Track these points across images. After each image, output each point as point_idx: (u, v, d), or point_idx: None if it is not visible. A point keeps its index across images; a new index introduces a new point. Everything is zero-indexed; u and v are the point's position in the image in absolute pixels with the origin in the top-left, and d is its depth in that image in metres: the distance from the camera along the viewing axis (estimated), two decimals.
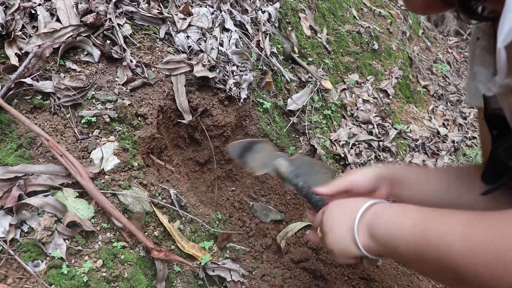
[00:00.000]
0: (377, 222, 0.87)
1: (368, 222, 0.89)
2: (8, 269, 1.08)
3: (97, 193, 1.22)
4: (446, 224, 0.73)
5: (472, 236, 0.68)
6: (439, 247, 0.72)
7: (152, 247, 1.21)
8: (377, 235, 0.87)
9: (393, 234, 0.83)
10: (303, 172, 1.33)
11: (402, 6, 4.24)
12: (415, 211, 0.82)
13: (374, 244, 0.88)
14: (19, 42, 1.41)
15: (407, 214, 0.82)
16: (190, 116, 1.65)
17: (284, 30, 2.40)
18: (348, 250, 0.92)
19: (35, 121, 1.34)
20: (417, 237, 0.76)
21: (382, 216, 0.87)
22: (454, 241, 0.69)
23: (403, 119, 2.96)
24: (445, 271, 0.72)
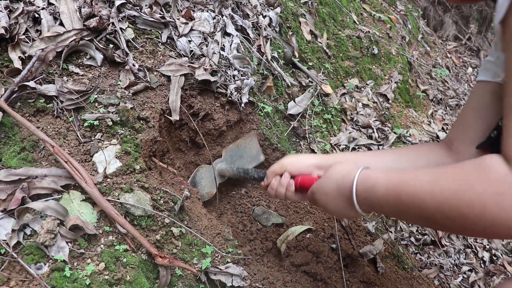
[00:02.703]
0: (361, 196, 1.04)
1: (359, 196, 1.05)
2: (11, 271, 1.08)
3: (102, 200, 1.22)
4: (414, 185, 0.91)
5: (437, 190, 0.86)
6: (414, 205, 0.91)
7: (156, 254, 1.22)
8: (366, 204, 1.04)
9: (374, 204, 1.02)
10: (236, 159, 1.52)
11: (402, 11, 4.26)
12: (383, 181, 0.99)
13: (367, 208, 1.06)
14: (22, 45, 1.42)
15: (379, 188, 0.99)
16: (177, 116, 1.63)
17: (285, 35, 2.41)
18: (348, 213, 1.11)
19: (38, 124, 1.35)
20: (395, 201, 0.95)
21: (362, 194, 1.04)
22: (425, 198, 0.88)
23: (402, 123, 2.97)
24: (422, 219, 0.93)
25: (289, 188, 1.29)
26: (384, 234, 2.01)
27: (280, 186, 1.30)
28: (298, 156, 1.35)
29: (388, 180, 0.98)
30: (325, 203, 1.15)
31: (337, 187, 1.10)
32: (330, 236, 1.77)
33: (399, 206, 0.95)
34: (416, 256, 2.14)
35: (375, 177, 1.02)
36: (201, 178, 1.67)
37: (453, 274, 2.17)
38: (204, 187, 1.67)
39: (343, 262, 1.70)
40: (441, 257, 2.21)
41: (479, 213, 0.79)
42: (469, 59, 5.14)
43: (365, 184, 1.03)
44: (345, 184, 1.07)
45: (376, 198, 1.00)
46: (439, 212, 0.86)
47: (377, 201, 1.00)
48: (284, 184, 1.29)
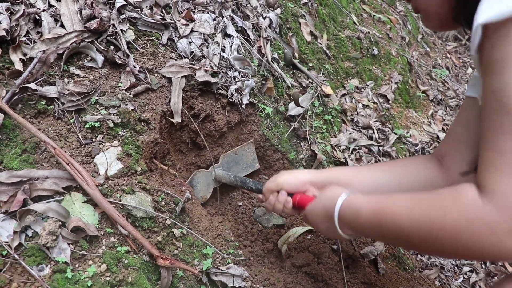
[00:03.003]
0: (345, 221, 1.11)
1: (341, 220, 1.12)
2: (13, 273, 1.08)
3: (103, 201, 1.23)
4: (393, 212, 0.97)
5: (414, 216, 0.92)
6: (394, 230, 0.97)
7: (157, 255, 1.22)
8: (350, 229, 1.12)
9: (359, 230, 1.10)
10: (232, 165, 1.58)
11: (401, 11, 4.27)
12: (366, 210, 1.05)
13: (351, 232, 1.13)
14: (23, 47, 1.43)
15: (361, 214, 1.05)
16: (179, 118, 1.65)
17: (285, 36, 2.41)
18: (336, 235, 1.17)
19: (39, 126, 1.35)
20: (376, 226, 1.02)
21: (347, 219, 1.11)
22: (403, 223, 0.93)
23: (402, 124, 2.97)
24: (402, 241, 1.00)
25: (286, 205, 1.34)
26: None
27: (278, 203, 1.35)
28: (292, 173, 1.40)
29: (369, 207, 1.04)
30: (316, 224, 1.23)
31: (325, 211, 1.18)
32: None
33: (380, 230, 1.02)
34: (416, 257, 2.14)
35: (358, 204, 1.08)
36: (198, 182, 1.71)
37: (454, 275, 2.17)
38: (200, 191, 1.71)
39: (344, 263, 1.70)
40: (441, 258, 2.21)
41: (453, 238, 0.85)
42: (469, 59, 5.15)
43: (348, 210, 1.10)
44: (331, 209, 1.14)
45: (359, 224, 1.07)
46: (416, 236, 0.92)
47: (360, 226, 1.07)
48: (282, 201, 1.34)
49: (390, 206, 0.99)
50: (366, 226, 1.05)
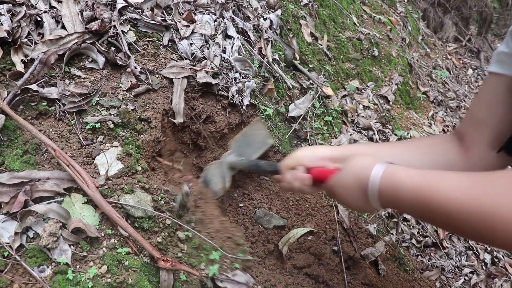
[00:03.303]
0: (382, 192, 1.00)
1: (380, 192, 1.00)
2: (14, 274, 1.08)
3: (104, 203, 1.23)
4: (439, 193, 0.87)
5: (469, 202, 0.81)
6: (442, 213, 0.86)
7: (158, 257, 1.22)
8: (385, 200, 1.00)
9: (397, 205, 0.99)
10: (244, 148, 1.48)
11: (402, 13, 4.27)
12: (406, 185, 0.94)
13: (387, 205, 1.03)
14: (25, 49, 1.43)
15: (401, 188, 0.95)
16: (181, 118, 1.65)
17: (286, 37, 2.42)
18: (365, 209, 1.09)
19: (40, 127, 1.35)
20: (421, 205, 0.91)
21: (385, 193, 1.00)
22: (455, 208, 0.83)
23: (403, 125, 2.97)
24: (449, 226, 0.89)
25: (304, 182, 1.24)
26: (386, 236, 2.01)
27: (295, 180, 1.26)
28: (311, 148, 1.32)
29: (411, 181, 0.94)
30: (343, 196, 1.12)
31: (356, 180, 1.07)
32: (332, 239, 1.78)
33: (423, 210, 0.92)
34: (417, 258, 2.14)
35: (397, 176, 0.98)
36: (212, 175, 1.61)
37: (455, 276, 2.17)
38: (217, 183, 1.61)
39: (344, 264, 1.70)
40: (442, 259, 2.21)
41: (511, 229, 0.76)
42: (469, 60, 5.15)
43: (385, 181, 0.99)
44: (365, 178, 1.03)
45: (397, 198, 0.97)
46: (468, 223, 0.82)
47: (398, 200, 0.97)
48: (299, 178, 1.25)
49: (437, 185, 0.88)
50: (405, 202, 0.95)
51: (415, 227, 2.26)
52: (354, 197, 1.08)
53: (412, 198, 0.93)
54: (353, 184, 1.08)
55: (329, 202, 1.92)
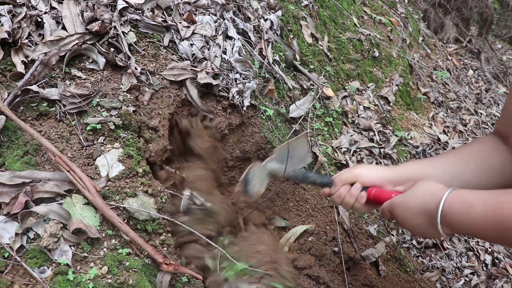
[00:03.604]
0: (450, 220, 1.04)
1: (444, 221, 1.05)
2: (15, 275, 1.08)
3: (105, 208, 1.22)
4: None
5: None
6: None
7: (161, 261, 1.22)
8: (453, 226, 1.04)
9: (468, 226, 1.01)
10: (285, 158, 1.47)
11: (402, 13, 4.27)
12: (480, 205, 0.98)
13: (451, 231, 1.07)
14: (25, 49, 1.43)
15: (475, 209, 0.98)
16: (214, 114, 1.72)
17: (286, 38, 2.42)
18: (429, 232, 1.10)
19: (41, 128, 1.36)
20: (495, 224, 0.94)
21: (454, 214, 1.03)
22: None
23: (403, 126, 2.97)
24: None
25: (359, 199, 1.27)
26: (386, 237, 2.01)
27: (350, 196, 1.27)
28: (369, 167, 1.37)
29: (484, 202, 0.97)
30: (405, 219, 1.15)
31: (422, 205, 1.10)
32: (332, 239, 1.78)
33: (497, 230, 0.95)
34: (418, 259, 2.14)
35: (469, 199, 1.01)
36: (253, 176, 1.56)
37: (455, 277, 2.17)
38: (255, 186, 1.57)
39: (345, 265, 1.70)
40: (443, 260, 2.21)
41: None
42: (470, 61, 5.15)
43: (457, 205, 1.03)
44: (432, 204, 1.07)
45: (469, 220, 0.99)
46: None
47: (470, 222, 1.00)
48: (355, 195, 1.27)
49: (509, 205, 0.91)
50: (478, 223, 0.97)
51: None
52: (419, 221, 1.11)
53: (484, 217, 0.96)
54: (419, 208, 1.11)
55: (329, 203, 1.92)
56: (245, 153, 1.89)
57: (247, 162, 1.93)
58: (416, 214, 1.11)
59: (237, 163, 1.91)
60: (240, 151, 1.88)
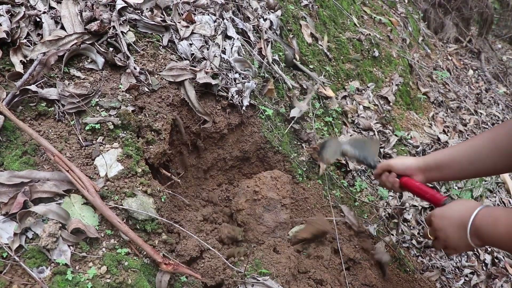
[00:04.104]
0: (479, 233, 1.16)
1: (473, 233, 1.18)
2: (13, 275, 1.08)
3: (104, 209, 1.22)
4: None
5: None
6: None
7: (160, 261, 1.21)
8: (482, 238, 1.16)
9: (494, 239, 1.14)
10: (360, 149, 1.75)
11: (402, 13, 4.27)
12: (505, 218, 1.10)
13: (481, 243, 1.19)
14: (24, 49, 1.43)
15: (501, 222, 1.10)
16: (210, 117, 1.73)
17: (286, 38, 2.41)
18: (459, 244, 1.24)
19: (40, 128, 1.35)
20: None
21: (482, 227, 1.16)
22: None
23: (403, 125, 2.97)
24: None
25: (394, 184, 1.53)
26: (386, 237, 2.01)
27: (388, 182, 1.55)
28: (401, 158, 1.61)
29: (508, 220, 1.09)
30: (441, 228, 1.29)
31: (457, 217, 1.24)
32: (333, 240, 1.77)
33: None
34: (417, 258, 2.14)
35: (497, 213, 1.13)
36: (329, 146, 1.85)
37: (455, 277, 2.17)
38: (328, 153, 1.85)
39: (344, 265, 1.69)
40: (443, 260, 2.20)
41: None
42: (470, 61, 5.15)
43: (486, 219, 1.15)
44: (466, 217, 1.20)
45: (496, 233, 1.11)
46: None
47: (497, 235, 1.11)
48: (391, 180, 1.53)
49: None
50: (504, 235, 1.09)
51: (415, 227, 2.26)
52: (453, 230, 1.25)
53: (506, 234, 1.08)
54: (454, 219, 1.25)
55: (329, 203, 1.92)
56: (244, 152, 1.89)
57: (246, 162, 1.93)
58: (451, 225, 1.26)
59: (236, 162, 1.91)
60: (240, 150, 1.88)
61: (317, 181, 1.98)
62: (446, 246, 1.35)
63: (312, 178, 1.98)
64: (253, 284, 1.34)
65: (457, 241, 1.25)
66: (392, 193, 2.30)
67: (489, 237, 1.14)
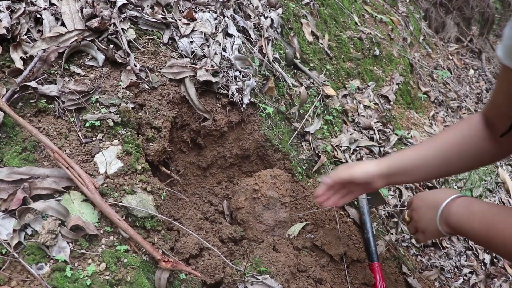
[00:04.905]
0: (451, 219, 1.17)
1: (445, 218, 1.19)
2: (12, 271, 1.08)
3: (103, 205, 1.22)
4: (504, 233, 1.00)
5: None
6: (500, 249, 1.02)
7: (159, 258, 1.21)
8: (453, 227, 1.17)
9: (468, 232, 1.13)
10: None
11: (403, 12, 4.26)
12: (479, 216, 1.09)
13: (450, 231, 1.20)
14: (24, 46, 1.42)
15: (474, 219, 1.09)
16: (210, 114, 1.72)
17: (286, 36, 2.41)
18: (430, 233, 1.26)
19: (40, 124, 1.35)
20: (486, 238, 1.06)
21: (455, 215, 1.16)
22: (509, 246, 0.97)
23: (404, 125, 2.97)
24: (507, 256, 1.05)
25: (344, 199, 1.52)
26: (385, 236, 2.01)
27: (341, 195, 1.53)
28: (360, 165, 1.46)
29: (483, 217, 1.08)
30: (418, 207, 1.33)
31: (433, 200, 1.26)
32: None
33: (488, 244, 1.07)
34: (417, 258, 2.14)
35: (474, 210, 1.12)
36: None
37: (454, 276, 2.17)
38: None
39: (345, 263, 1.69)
40: (442, 259, 2.21)
41: None
42: (471, 61, 5.14)
43: (461, 210, 1.15)
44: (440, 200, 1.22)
45: (471, 228, 1.11)
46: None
47: (471, 231, 1.11)
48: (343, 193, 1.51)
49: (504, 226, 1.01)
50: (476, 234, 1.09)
51: None
52: (426, 213, 1.27)
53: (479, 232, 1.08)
54: (430, 202, 1.27)
55: None
56: (244, 150, 1.88)
57: (246, 160, 1.93)
58: (425, 206, 1.28)
59: (236, 160, 1.91)
60: (240, 148, 1.88)
61: (317, 180, 1.98)
62: (416, 229, 1.34)
63: (311, 176, 1.98)
64: (253, 283, 1.34)
65: (427, 223, 1.26)
66: (392, 192, 2.30)
67: (461, 228, 1.14)
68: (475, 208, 1.12)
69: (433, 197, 1.28)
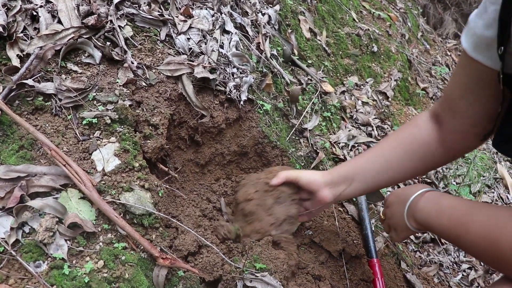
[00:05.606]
0: (418, 214, 1.14)
1: (412, 213, 1.17)
2: (10, 269, 1.08)
3: (101, 203, 1.22)
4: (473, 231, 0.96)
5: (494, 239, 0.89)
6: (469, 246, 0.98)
7: (157, 256, 1.21)
8: (421, 223, 1.14)
9: (432, 226, 1.10)
10: None
11: (401, 9, 4.26)
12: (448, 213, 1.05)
13: (419, 227, 1.17)
14: (20, 43, 1.42)
15: (442, 215, 1.06)
16: (208, 111, 1.71)
17: (284, 33, 2.41)
18: (401, 230, 1.23)
19: (36, 122, 1.35)
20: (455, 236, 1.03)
21: (423, 210, 1.13)
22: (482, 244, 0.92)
23: (402, 121, 2.97)
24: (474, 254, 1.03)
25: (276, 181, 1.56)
26: (384, 232, 2.01)
27: None
28: (309, 172, 1.50)
29: (452, 215, 1.05)
30: (391, 203, 1.31)
31: (404, 195, 1.23)
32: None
33: (457, 242, 1.05)
34: (415, 254, 2.14)
35: (442, 205, 1.09)
36: None
37: (453, 272, 2.17)
38: None
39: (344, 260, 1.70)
40: (440, 255, 2.21)
41: None
42: None
43: (430, 206, 1.12)
44: (410, 195, 1.20)
45: (440, 224, 1.08)
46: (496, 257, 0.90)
47: (440, 227, 1.08)
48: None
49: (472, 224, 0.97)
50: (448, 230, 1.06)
51: None
52: (398, 208, 1.24)
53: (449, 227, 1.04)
54: (402, 196, 1.24)
55: None
56: (242, 147, 1.88)
57: (244, 156, 1.93)
58: (397, 202, 1.25)
59: (234, 157, 1.91)
60: (237, 145, 1.88)
61: None
62: (390, 226, 1.32)
63: None
64: (251, 280, 1.34)
65: (397, 220, 1.23)
66: (390, 188, 2.30)
67: (429, 224, 1.11)
68: (444, 203, 1.08)
69: (405, 192, 1.23)
